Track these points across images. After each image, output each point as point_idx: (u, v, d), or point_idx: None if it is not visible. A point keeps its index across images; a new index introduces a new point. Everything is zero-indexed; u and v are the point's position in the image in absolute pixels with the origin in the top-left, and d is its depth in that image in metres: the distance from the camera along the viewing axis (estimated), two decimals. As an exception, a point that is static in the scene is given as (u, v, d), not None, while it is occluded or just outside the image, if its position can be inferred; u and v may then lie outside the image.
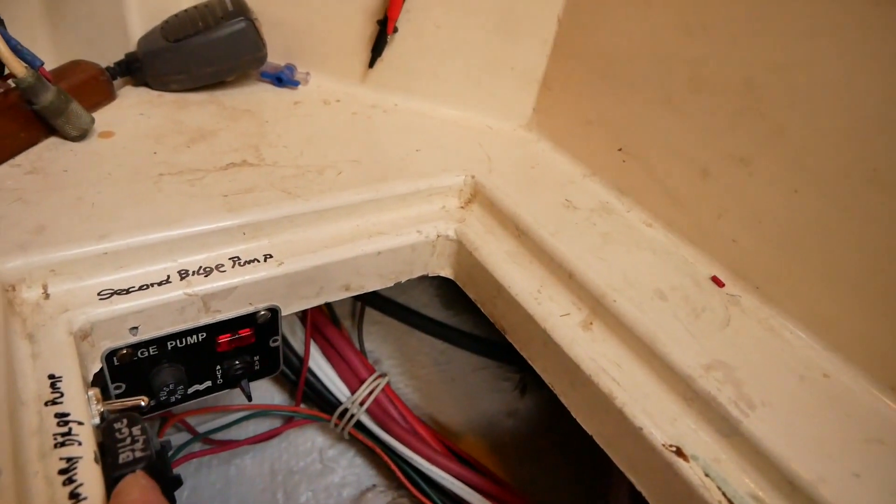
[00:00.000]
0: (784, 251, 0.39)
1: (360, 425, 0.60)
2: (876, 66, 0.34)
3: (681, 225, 0.45)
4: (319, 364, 0.61)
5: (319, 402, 0.61)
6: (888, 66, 0.33)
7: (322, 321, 0.62)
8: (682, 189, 0.45)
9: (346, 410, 0.59)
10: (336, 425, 0.60)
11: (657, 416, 0.34)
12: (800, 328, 0.39)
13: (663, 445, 0.33)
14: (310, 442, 0.65)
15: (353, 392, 0.60)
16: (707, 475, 0.32)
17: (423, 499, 0.59)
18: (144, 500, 0.26)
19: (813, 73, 0.36)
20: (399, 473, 0.60)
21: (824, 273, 0.38)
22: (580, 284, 0.40)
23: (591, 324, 0.39)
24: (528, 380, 0.71)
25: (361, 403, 0.59)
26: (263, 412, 0.63)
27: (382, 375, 0.61)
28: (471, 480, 0.58)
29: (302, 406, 0.63)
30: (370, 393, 0.60)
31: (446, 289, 0.72)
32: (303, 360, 0.60)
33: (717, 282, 0.42)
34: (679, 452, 0.33)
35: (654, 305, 0.39)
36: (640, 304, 0.39)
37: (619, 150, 0.48)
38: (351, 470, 0.65)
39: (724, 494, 0.31)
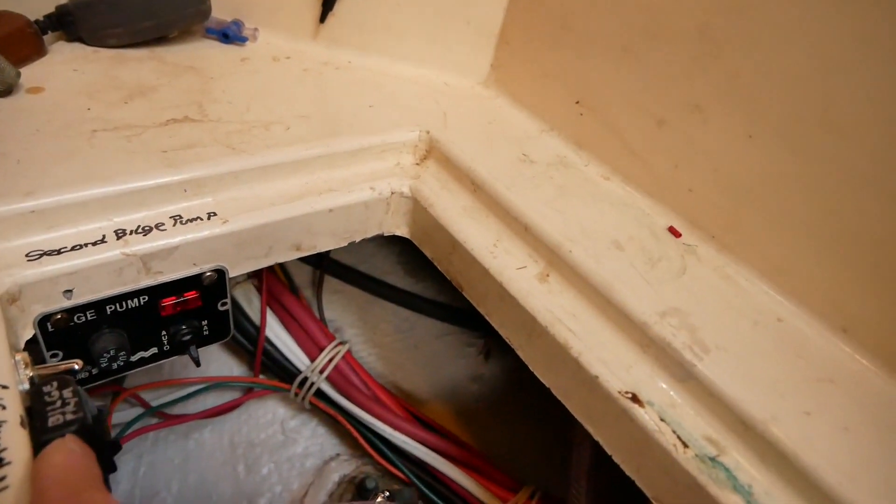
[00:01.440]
0: (738, 199, 0.39)
1: (321, 394, 0.59)
2: (829, 7, 0.33)
3: (638, 177, 0.44)
4: (277, 333, 0.59)
5: (279, 371, 0.60)
6: (840, 6, 0.33)
7: (280, 290, 0.60)
8: (639, 140, 0.44)
9: (305, 379, 0.58)
10: (296, 395, 0.59)
11: (613, 364, 0.34)
12: (754, 275, 0.39)
13: (619, 392, 0.33)
14: (270, 413, 0.64)
15: (312, 360, 0.59)
16: (662, 419, 0.31)
17: (388, 465, 0.59)
18: (68, 465, 0.24)
19: (766, 14, 0.35)
20: (362, 441, 0.59)
21: (778, 220, 0.38)
22: (536, 237, 0.39)
23: (548, 276, 0.39)
24: (492, 345, 0.70)
25: (321, 371, 0.58)
26: (221, 384, 0.61)
27: (343, 343, 0.60)
28: (435, 445, 0.58)
29: (261, 377, 0.61)
30: (330, 360, 0.58)
31: (409, 256, 0.71)
32: (259, 329, 0.58)
33: (673, 232, 0.42)
34: (635, 398, 0.32)
35: (611, 255, 0.38)
36: (596, 254, 0.38)
37: (577, 103, 0.47)
38: (314, 440, 0.64)
39: (678, 437, 0.31)
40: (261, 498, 0.60)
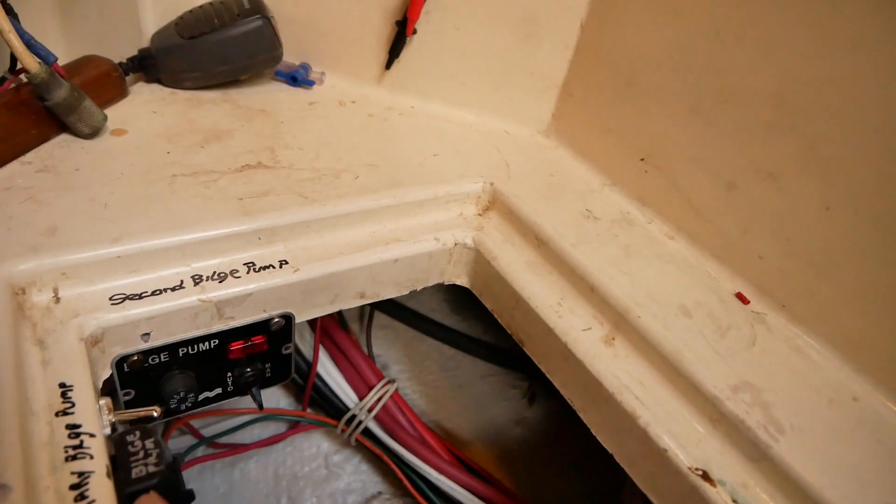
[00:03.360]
0: (813, 269, 0.38)
1: (367, 432, 0.59)
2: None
3: (704, 238, 0.44)
4: (327, 369, 0.60)
5: (326, 407, 0.60)
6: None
7: (331, 325, 0.61)
8: (706, 202, 0.44)
9: (353, 416, 0.59)
10: (343, 431, 0.59)
11: (682, 438, 0.33)
12: (828, 349, 0.38)
13: (689, 468, 0.32)
14: (315, 447, 0.64)
15: (361, 398, 0.59)
16: (735, 501, 0.31)
17: (431, 508, 0.59)
18: None
19: (849, 88, 0.35)
20: (406, 482, 0.59)
21: (854, 292, 0.37)
22: (602, 298, 0.39)
23: (614, 339, 0.38)
24: (537, 388, 0.70)
25: (370, 410, 0.58)
26: (269, 416, 0.62)
27: (391, 381, 0.60)
28: (480, 492, 0.57)
29: (308, 411, 0.62)
30: (379, 399, 0.59)
31: (455, 293, 0.71)
32: (311, 365, 0.59)
33: (741, 298, 0.41)
34: (705, 476, 0.32)
35: (679, 322, 0.38)
36: (665, 320, 0.38)
37: (641, 160, 0.47)
38: (356, 476, 0.64)
39: (752, 521, 0.30)
40: (303, 533, 0.61)
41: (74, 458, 0.27)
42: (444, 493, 0.58)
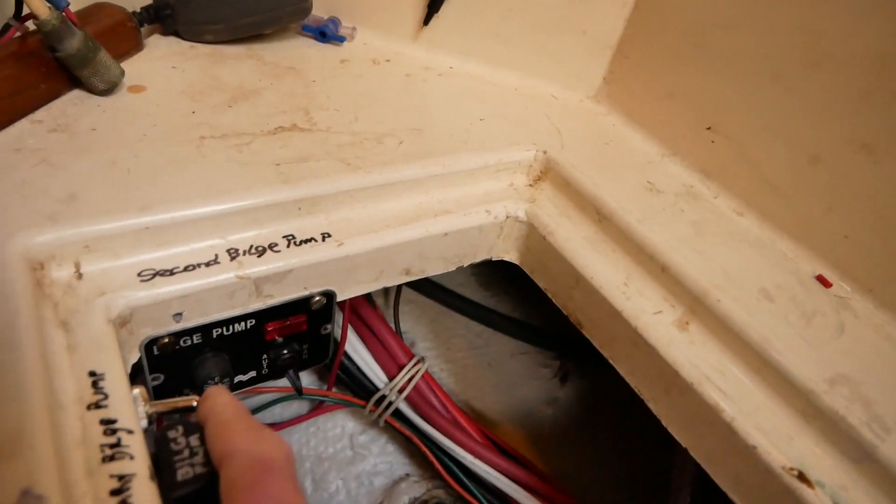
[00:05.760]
0: (907, 251, 0.35)
1: (396, 413, 0.57)
2: None
3: (779, 215, 0.40)
4: (355, 347, 0.57)
5: (353, 386, 0.57)
6: None
7: (358, 300, 0.58)
8: (783, 176, 0.40)
9: (383, 397, 0.56)
10: (371, 412, 0.56)
11: (772, 434, 0.30)
12: (923, 338, 0.35)
13: (783, 468, 0.29)
14: (340, 427, 0.61)
15: (390, 378, 0.56)
16: (837, 505, 0.28)
17: (463, 492, 0.56)
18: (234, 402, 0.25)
19: (969, 49, 0.31)
20: (438, 465, 0.56)
21: (954, 277, 0.34)
22: (675, 279, 0.36)
23: (688, 324, 0.35)
24: (570, 367, 0.67)
25: (400, 390, 0.55)
26: (292, 396, 0.59)
27: (422, 360, 0.57)
28: (516, 475, 0.55)
29: (334, 390, 0.59)
30: (410, 379, 0.56)
31: (483, 268, 0.68)
32: (338, 343, 0.56)
33: (823, 281, 0.38)
34: (801, 477, 0.29)
35: (761, 307, 0.35)
36: (746, 304, 0.34)
37: (708, 128, 0.44)
38: (383, 458, 0.61)
39: (857, 529, 0.27)
40: (327, 515, 0.58)
41: (112, 458, 0.24)
42: (478, 477, 0.56)
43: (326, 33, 0.52)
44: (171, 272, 0.32)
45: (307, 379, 0.62)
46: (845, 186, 0.37)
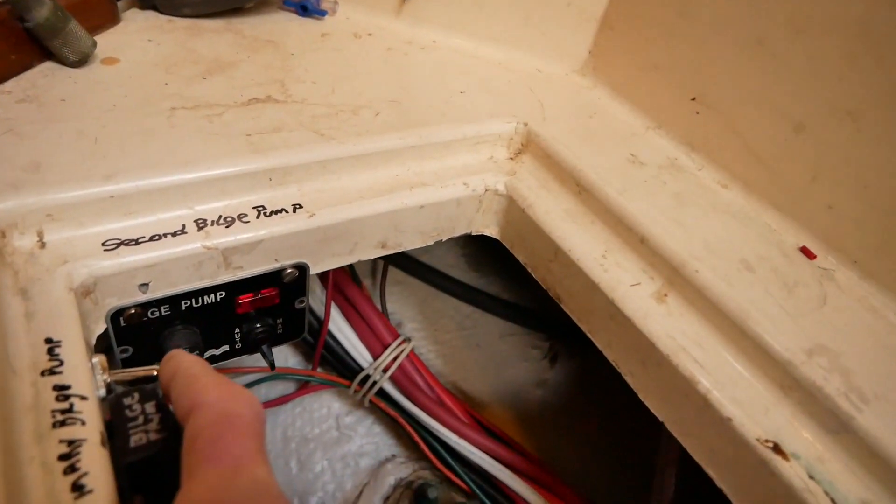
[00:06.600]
0: (892, 221, 0.34)
1: (381, 393, 0.56)
2: None
3: (764, 187, 0.40)
4: (340, 326, 0.56)
5: (338, 366, 0.57)
6: None
7: (343, 279, 0.57)
8: (768, 146, 0.39)
9: (367, 377, 0.55)
10: (356, 392, 0.56)
11: (748, 406, 0.30)
12: (906, 309, 0.34)
13: (758, 440, 0.28)
14: (325, 408, 0.61)
15: (375, 357, 0.56)
16: (811, 477, 0.27)
17: (449, 473, 0.56)
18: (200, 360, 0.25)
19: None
20: (423, 446, 0.56)
21: (940, 247, 0.33)
22: (653, 250, 0.35)
23: (666, 296, 0.34)
24: (559, 349, 0.66)
25: (385, 370, 0.55)
26: (277, 376, 0.58)
27: (407, 340, 0.56)
28: (501, 456, 0.54)
29: (319, 370, 0.58)
30: (394, 359, 0.55)
31: (473, 248, 0.67)
32: (322, 322, 0.55)
33: (806, 253, 0.37)
34: (777, 449, 0.28)
35: (741, 278, 0.34)
36: (726, 275, 0.34)
37: (693, 99, 0.43)
38: (369, 439, 0.61)
39: (831, 500, 0.27)
40: (312, 496, 0.58)
41: (63, 423, 0.23)
42: (463, 457, 0.55)
43: (308, 7, 0.51)
44: (137, 242, 0.31)
45: (294, 359, 0.62)
46: (829, 155, 0.36)
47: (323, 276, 0.56)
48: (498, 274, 0.67)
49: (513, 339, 0.66)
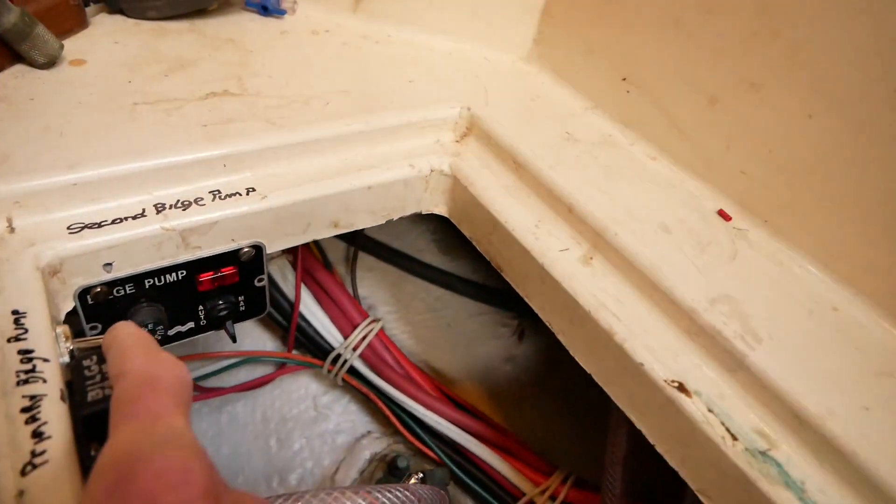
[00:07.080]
0: (794, 182, 0.37)
1: (354, 371, 0.59)
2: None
3: (687, 157, 0.43)
4: (311, 309, 0.59)
5: (312, 348, 0.60)
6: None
7: (314, 265, 0.60)
8: (688, 119, 0.42)
9: (338, 356, 0.58)
10: (329, 371, 0.59)
11: (659, 352, 0.33)
12: (809, 262, 0.37)
13: (665, 381, 0.31)
14: (303, 389, 0.64)
15: (346, 337, 0.59)
16: (710, 410, 0.30)
17: (419, 445, 0.59)
18: (138, 332, 0.26)
19: (835, -16, 0.33)
20: (394, 419, 0.59)
21: (836, 203, 0.36)
22: (580, 218, 0.38)
23: (592, 259, 0.37)
24: (527, 325, 0.69)
25: (354, 349, 0.58)
26: (254, 358, 0.62)
27: (376, 320, 0.60)
28: (467, 426, 0.57)
29: (294, 352, 0.61)
30: (363, 338, 0.58)
31: (443, 233, 0.70)
32: (294, 305, 0.58)
33: (723, 215, 0.40)
34: (681, 388, 0.31)
35: (658, 239, 0.37)
36: (643, 237, 0.37)
37: (623, 79, 0.46)
38: (345, 417, 0.64)
39: (727, 430, 0.30)
40: (292, 473, 0.61)
41: (26, 381, 0.26)
42: (432, 429, 0.58)
43: (268, 7, 0.54)
44: (99, 225, 0.34)
45: (272, 344, 0.65)
46: (739, 124, 0.39)
47: (295, 263, 0.59)
48: (468, 258, 0.70)
49: (482, 318, 0.69)
